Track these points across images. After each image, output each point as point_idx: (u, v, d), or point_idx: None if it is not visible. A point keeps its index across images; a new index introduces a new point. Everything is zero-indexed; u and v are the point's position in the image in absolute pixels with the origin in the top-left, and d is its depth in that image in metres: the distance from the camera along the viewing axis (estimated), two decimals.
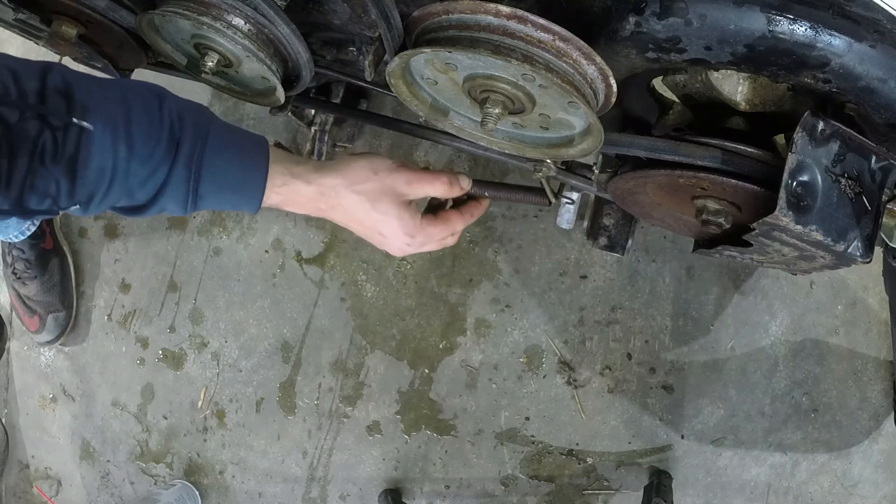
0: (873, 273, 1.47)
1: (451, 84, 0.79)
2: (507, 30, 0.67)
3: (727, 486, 1.53)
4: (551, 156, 0.88)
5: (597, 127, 0.75)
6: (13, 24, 1.03)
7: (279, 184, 0.78)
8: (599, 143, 0.78)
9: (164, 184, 0.71)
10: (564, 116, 0.78)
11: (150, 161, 0.69)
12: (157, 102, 0.71)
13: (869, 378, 1.49)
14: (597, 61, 0.69)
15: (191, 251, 1.71)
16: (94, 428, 1.76)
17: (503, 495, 1.60)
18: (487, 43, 0.68)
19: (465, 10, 0.68)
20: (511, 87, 0.73)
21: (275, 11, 0.83)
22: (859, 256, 0.76)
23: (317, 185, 0.80)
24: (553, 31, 0.67)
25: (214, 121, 0.76)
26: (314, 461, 1.67)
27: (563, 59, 0.69)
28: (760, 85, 0.82)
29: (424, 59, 0.75)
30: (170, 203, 0.73)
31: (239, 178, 0.76)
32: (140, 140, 0.68)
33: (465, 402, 1.60)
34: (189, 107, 0.75)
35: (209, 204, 0.75)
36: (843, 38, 0.67)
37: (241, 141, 0.77)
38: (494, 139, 0.89)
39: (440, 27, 0.71)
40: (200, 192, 0.74)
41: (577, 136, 0.82)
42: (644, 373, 1.54)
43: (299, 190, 0.80)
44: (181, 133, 0.71)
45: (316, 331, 1.66)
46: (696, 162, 0.81)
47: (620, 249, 1.19)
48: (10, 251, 1.67)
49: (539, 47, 0.68)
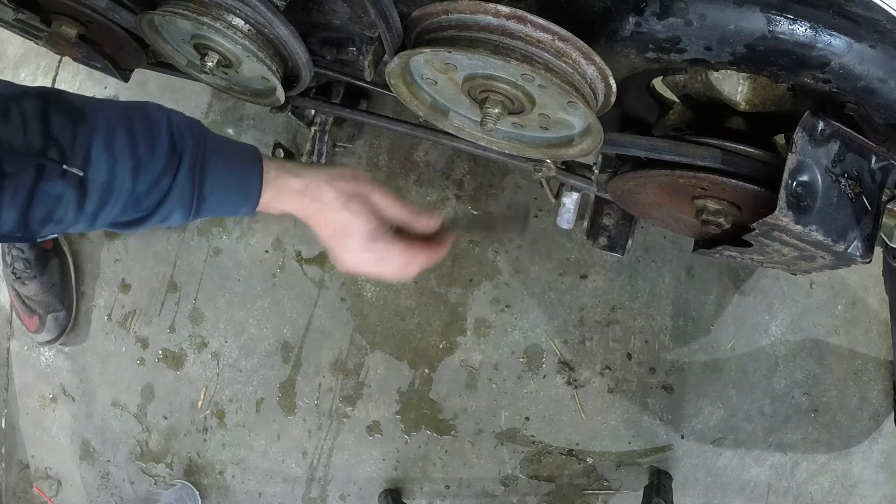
0: (873, 273, 1.47)
1: (451, 84, 0.79)
2: (507, 30, 0.67)
3: (727, 486, 1.53)
4: (551, 156, 0.88)
5: (596, 127, 0.75)
6: (13, 24, 1.04)
7: (273, 177, 0.82)
8: (599, 143, 0.78)
9: (170, 190, 0.74)
10: (564, 116, 0.78)
11: (155, 170, 0.73)
12: (156, 115, 0.75)
13: (869, 378, 1.49)
14: (596, 61, 0.69)
15: (191, 251, 1.71)
16: (94, 428, 1.76)
17: (503, 495, 1.60)
18: (487, 43, 0.68)
19: (465, 10, 0.68)
20: (510, 87, 0.73)
21: (273, 12, 0.83)
22: (859, 256, 0.76)
23: (303, 179, 0.83)
24: (552, 30, 0.67)
25: (207, 130, 0.80)
26: (314, 461, 1.67)
27: (562, 58, 0.69)
28: (760, 85, 0.82)
29: (424, 59, 0.75)
30: (175, 209, 0.76)
31: (238, 179, 0.80)
32: (144, 151, 0.72)
33: (465, 402, 1.60)
34: (184, 118, 0.79)
35: (210, 206, 0.78)
36: (843, 39, 0.67)
37: (234, 146, 0.82)
38: (494, 139, 0.90)
39: (439, 27, 0.71)
40: (204, 195, 0.77)
41: (576, 136, 0.82)
42: (644, 373, 1.54)
43: (289, 182, 0.83)
44: (182, 142, 0.75)
45: (316, 331, 1.66)
46: (696, 162, 0.81)
47: (620, 249, 1.19)
48: (10, 251, 1.67)
49: (538, 47, 0.68)
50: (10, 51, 1.81)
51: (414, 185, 1.61)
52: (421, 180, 1.61)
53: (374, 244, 0.85)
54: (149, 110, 0.75)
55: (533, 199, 1.57)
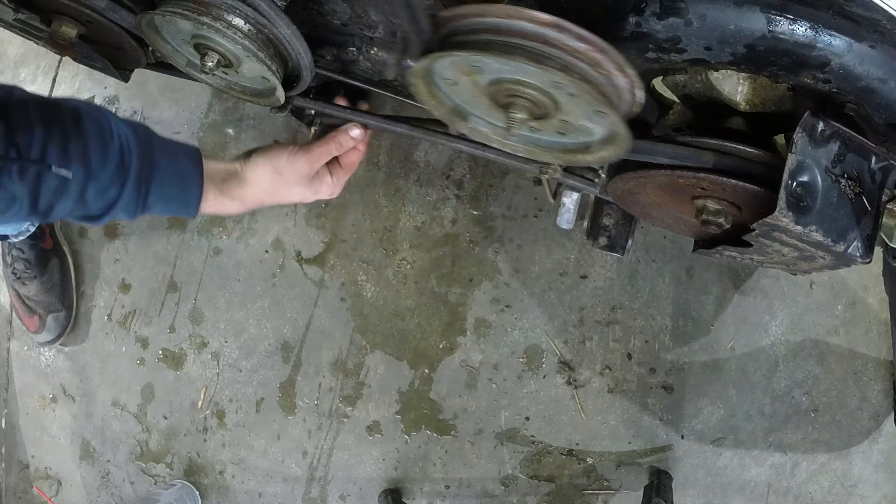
0: (873, 273, 1.47)
1: (472, 86, 0.77)
2: (544, 37, 0.66)
3: (727, 486, 1.53)
4: (565, 161, 0.87)
5: (625, 137, 0.74)
6: (13, 24, 1.04)
7: (213, 187, 0.95)
8: (623, 153, 0.78)
9: (117, 200, 0.83)
10: (586, 124, 0.77)
11: (104, 180, 0.81)
12: (107, 125, 0.82)
13: (869, 378, 1.49)
14: (629, 73, 0.68)
15: (191, 251, 1.71)
16: (94, 428, 1.76)
17: (503, 495, 1.60)
18: (525, 50, 0.67)
19: (502, 14, 0.66)
20: (539, 93, 0.72)
21: (275, 12, 0.83)
22: (859, 257, 0.76)
23: (240, 180, 0.98)
24: (590, 40, 0.66)
25: (153, 137, 0.88)
26: (314, 461, 1.67)
27: (597, 69, 0.68)
28: (760, 85, 0.82)
29: (450, 60, 0.73)
30: (120, 214, 0.86)
31: (180, 191, 0.91)
32: (96, 161, 0.79)
33: (465, 402, 1.60)
34: (132, 128, 0.86)
35: (153, 211, 0.89)
36: (843, 39, 0.67)
37: (177, 158, 0.91)
38: (507, 142, 0.88)
39: (472, 30, 0.69)
40: (148, 205, 0.87)
41: (594, 144, 0.81)
42: (644, 373, 1.54)
43: (229, 189, 0.96)
44: (129, 158, 0.83)
45: (316, 331, 1.66)
46: (695, 163, 0.81)
47: (620, 249, 1.19)
48: (10, 251, 1.67)
49: (575, 57, 0.67)
50: (10, 51, 1.81)
51: (414, 185, 1.61)
52: (421, 180, 1.61)
53: (309, 185, 1.03)
54: (99, 117, 0.81)
55: (533, 199, 1.57)
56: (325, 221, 1.65)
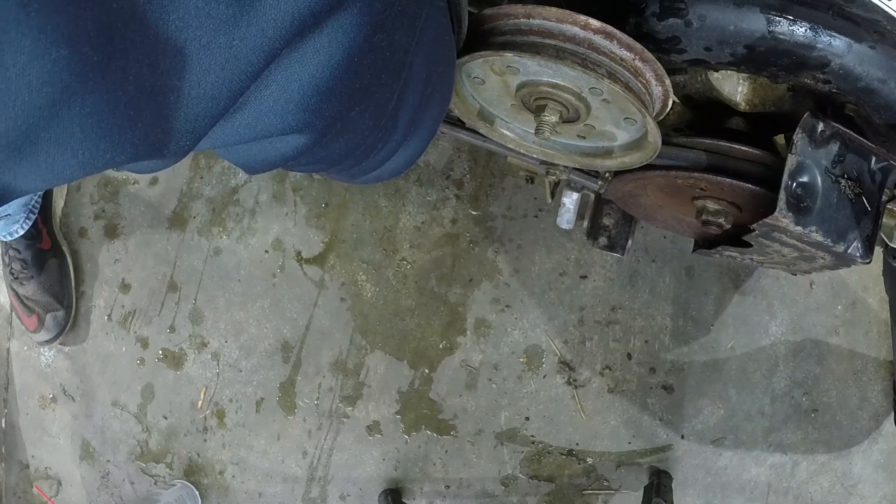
0: (873, 273, 1.47)
1: (501, 86, 0.76)
2: (593, 44, 0.65)
3: (727, 486, 1.53)
4: (584, 164, 0.86)
5: (654, 144, 0.73)
6: None
7: None
8: (649, 159, 0.77)
9: None
10: (612, 129, 0.76)
11: None
12: None
13: (869, 378, 1.49)
14: (666, 83, 0.68)
15: (191, 251, 1.71)
16: (94, 428, 1.76)
17: (503, 495, 1.60)
18: (576, 56, 0.66)
19: (551, 17, 0.65)
20: (573, 97, 0.71)
21: None
22: (859, 257, 0.76)
23: None
24: (636, 49, 0.65)
25: None
26: (314, 461, 1.67)
27: (638, 78, 0.67)
28: (760, 85, 0.82)
29: (483, 59, 0.71)
30: None
31: None
32: None
33: (465, 402, 1.60)
34: None
35: None
36: (843, 39, 0.67)
37: None
38: (525, 143, 0.87)
39: (517, 31, 0.68)
40: None
41: (616, 149, 0.80)
42: (644, 373, 1.54)
43: None
44: None
45: (316, 331, 1.66)
46: (695, 163, 0.81)
47: (620, 249, 1.19)
48: (7, 251, 1.67)
49: (620, 64, 0.66)
50: None
51: (414, 185, 1.61)
52: (421, 180, 1.61)
53: None
54: None
55: (533, 199, 1.57)
56: (325, 221, 1.65)
